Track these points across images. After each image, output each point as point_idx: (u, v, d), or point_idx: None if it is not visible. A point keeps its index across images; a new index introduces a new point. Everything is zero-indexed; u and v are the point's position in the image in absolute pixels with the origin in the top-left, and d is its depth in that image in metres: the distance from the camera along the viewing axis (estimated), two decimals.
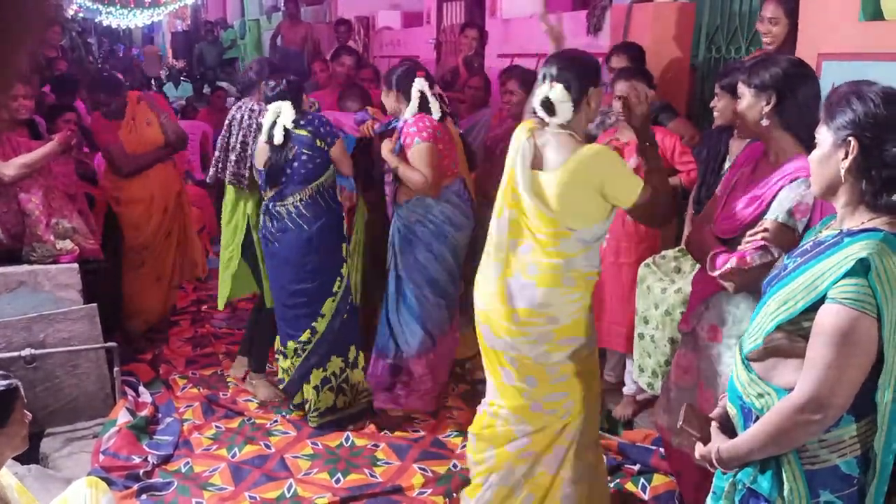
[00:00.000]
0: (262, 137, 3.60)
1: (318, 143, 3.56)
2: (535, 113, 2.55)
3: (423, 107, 3.66)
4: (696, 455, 1.91)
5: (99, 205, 4.64)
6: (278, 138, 3.50)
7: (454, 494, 3.21)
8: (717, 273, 2.27)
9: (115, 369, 3.76)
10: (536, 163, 2.50)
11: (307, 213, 3.58)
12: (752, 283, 2.18)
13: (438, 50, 6.93)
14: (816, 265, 1.67)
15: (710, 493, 1.96)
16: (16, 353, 3.50)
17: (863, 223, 1.67)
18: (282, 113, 3.53)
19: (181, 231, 4.86)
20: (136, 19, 18.97)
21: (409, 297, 3.73)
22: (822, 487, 1.68)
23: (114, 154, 4.48)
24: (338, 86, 5.13)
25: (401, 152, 3.61)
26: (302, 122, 3.55)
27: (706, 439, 1.88)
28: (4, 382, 2.31)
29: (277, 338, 3.83)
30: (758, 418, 1.75)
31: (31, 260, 3.77)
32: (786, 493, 1.69)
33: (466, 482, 3.27)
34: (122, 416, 3.63)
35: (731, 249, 2.30)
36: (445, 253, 3.73)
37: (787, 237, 2.16)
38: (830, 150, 1.70)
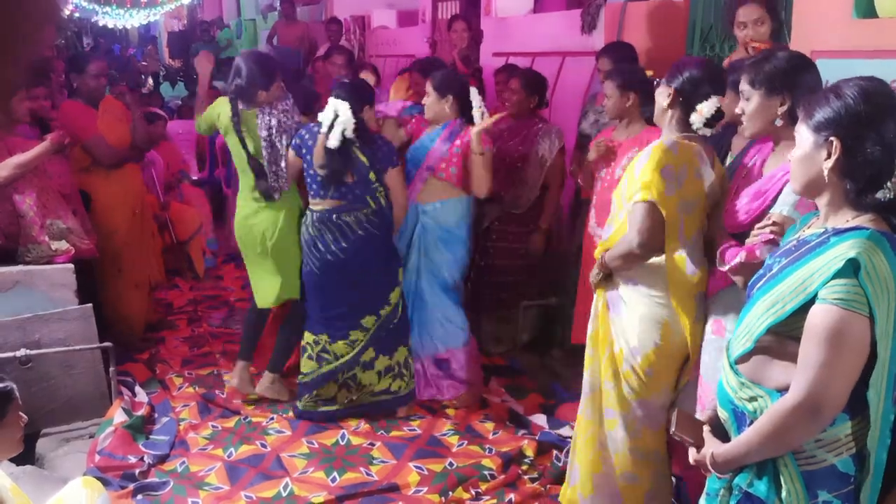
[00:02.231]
0: (321, 137, 3.54)
1: (371, 177, 3.57)
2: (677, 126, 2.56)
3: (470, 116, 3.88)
4: (691, 460, 1.91)
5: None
6: (333, 142, 3.46)
7: (450, 493, 3.22)
8: (726, 268, 2.27)
9: (111, 369, 3.76)
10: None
11: (370, 227, 3.62)
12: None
13: (433, 48, 6.93)
14: (805, 266, 1.67)
15: (704, 495, 1.97)
16: (11, 354, 3.49)
17: (847, 221, 1.67)
18: (339, 113, 3.47)
19: (148, 236, 4.85)
20: (132, 19, 18.94)
21: (451, 290, 3.95)
22: (819, 488, 1.68)
23: (96, 142, 4.32)
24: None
25: (458, 155, 3.82)
26: (365, 147, 3.55)
27: (699, 444, 1.88)
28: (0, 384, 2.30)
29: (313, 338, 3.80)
30: (751, 422, 1.74)
31: (26, 260, 3.76)
32: (784, 495, 1.69)
33: (462, 480, 3.29)
34: (118, 416, 3.63)
35: (741, 244, 2.30)
36: (471, 244, 4.05)
37: None
38: (812, 150, 1.69)
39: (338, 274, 3.65)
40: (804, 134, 1.72)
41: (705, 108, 2.47)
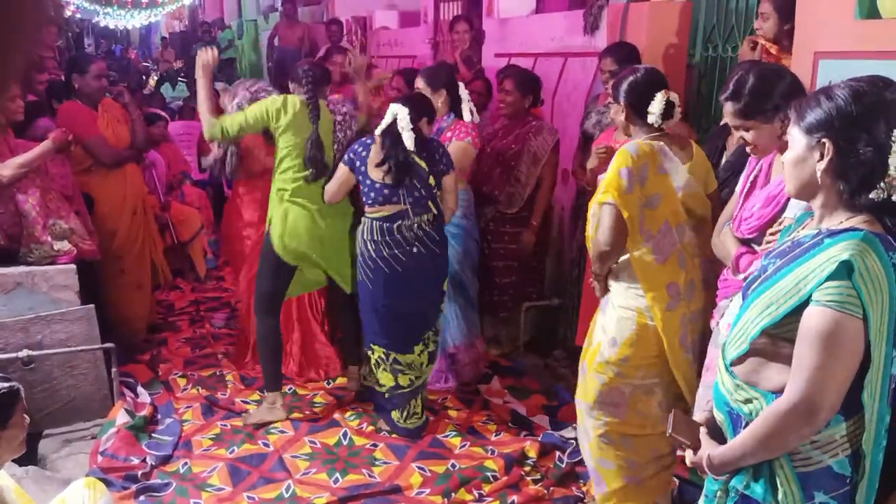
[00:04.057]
0: (377, 143, 3.51)
1: (431, 181, 3.54)
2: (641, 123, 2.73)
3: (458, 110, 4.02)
4: (688, 462, 1.91)
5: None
6: (409, 143, 3.42)
7: (452, 494, 3.22)
8: (741, 276, 2.27)
9: (113, 370, 3.76)
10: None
11: (431, 232, 3.58)
12: None
13: (435, 49, 6.93)
14: (799, 267, 1.66)
15: (703, 496, 1.96)
16: (13, 355, 3.49)
17: (841, 223, 1.67)
18: (399, 118, 3.44)
19: (149, 236, 4.82)
20: (133, 20, 18.99)
21: (465, 286, 4.09)
22: (816, 489, 1.68)
23: (97, 143, 4.32)
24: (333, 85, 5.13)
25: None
26: (421, 152, 3.51)
27: (696, 446, 1.88)
28: (6, 385, 2.30)
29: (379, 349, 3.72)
30: (747, 424, 1.74)
31: (28, 261, 3.76)
32: (780, 497, 1.69)
33: (465, 482, 3.28)
34: (120, 418, 3.63)
35: (753, 249, 2.32)
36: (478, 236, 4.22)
37: None
38: (805, 152, 1.69)
39: (402, 283, 3.55)
40: (796, 136, 1.72)
41: (655, 107, 2.66)
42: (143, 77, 15.07)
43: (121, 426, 3.56)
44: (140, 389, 4.04)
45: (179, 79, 12.63)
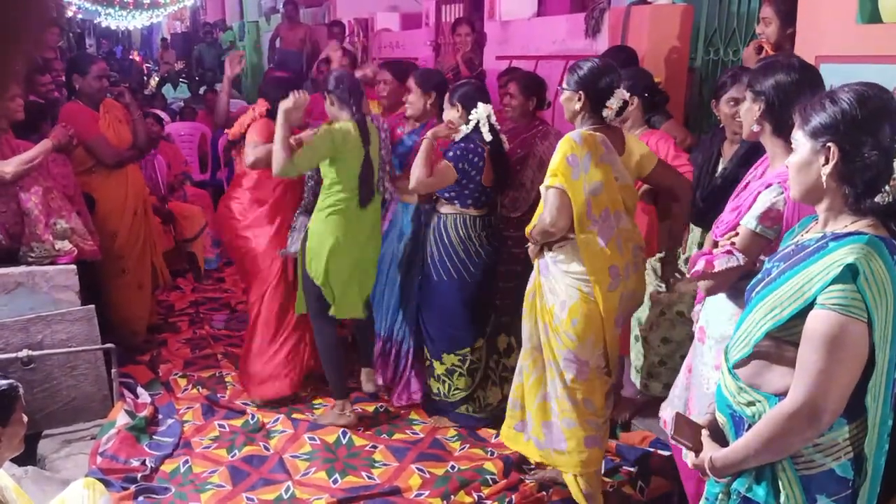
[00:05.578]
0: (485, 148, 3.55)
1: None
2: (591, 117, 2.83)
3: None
4: (689, 465, 1.91)
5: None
6: (487, 136, 3.55)
7: (452, 496, 3.22)
8: (689, 275, 2.32)
9: (113, 371, 3.76)
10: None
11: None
12: (719, 287, 2.24)
13: (437, 51, 6.93)
14: (803, 270, 1.66)
15: (703, 499, 1.96)
16: (13, 355, 3.49)
17: (846, 226, 1.67)
18: (490, 117, 3.55)
19: (150, 237, 4.81)
20: (134, 21, 18.99)
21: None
22: (818, 492, 1.68)
23: (99, 143, 4.32)
24: None
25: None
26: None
27: (698, 448, 1.88)
28: (5, 383, 2.31)
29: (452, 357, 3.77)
30: (749, 426, 1.74)
31: (29, 260, 3.76)
32: (782, 500, 1.69)
33: (464, 484, 3.28)
34: (120, 419, 3.62)
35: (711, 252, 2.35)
36: None
37: (755, 243, 2.18)
38: (810, 157, 1.69)
39: (492, 278, 3.72)
40: (801, 140, 1.71)
41: (614, 103, 2.77)
42: (145, 78, 15.10)
43: (121, 427, 3.56)
44: (140, 390, 4.04)
45: (181, 80, 12.66)
